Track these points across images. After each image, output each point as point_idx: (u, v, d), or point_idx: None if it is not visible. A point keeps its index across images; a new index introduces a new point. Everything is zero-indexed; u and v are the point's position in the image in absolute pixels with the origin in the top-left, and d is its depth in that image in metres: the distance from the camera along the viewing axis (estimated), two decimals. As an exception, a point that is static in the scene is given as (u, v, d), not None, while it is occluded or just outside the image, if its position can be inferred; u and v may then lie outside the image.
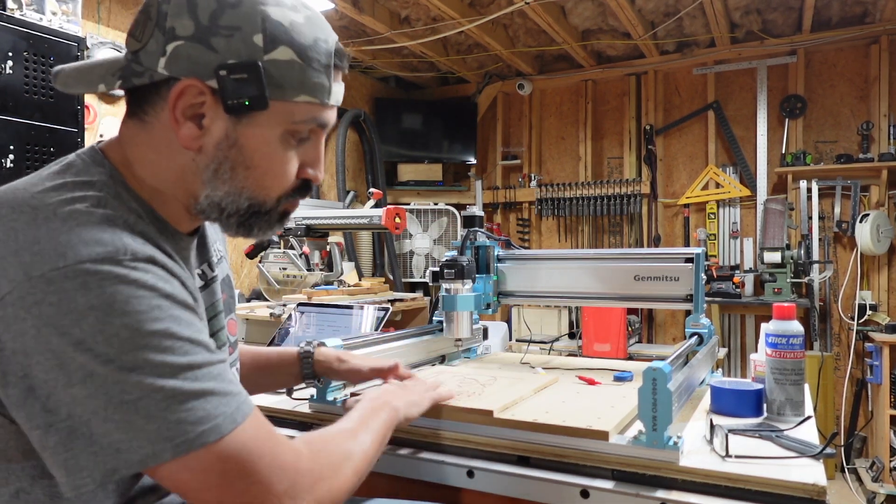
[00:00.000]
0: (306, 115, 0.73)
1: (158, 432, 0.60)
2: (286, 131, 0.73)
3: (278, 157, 0.74)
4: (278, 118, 0.72)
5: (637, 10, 3.67)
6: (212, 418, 0.62)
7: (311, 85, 0.72)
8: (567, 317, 3.90)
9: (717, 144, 4.23)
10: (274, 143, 0.73)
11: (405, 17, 3.78)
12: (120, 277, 0.61)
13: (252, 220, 0.77)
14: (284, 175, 0.75)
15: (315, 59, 0.72)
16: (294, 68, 0.71)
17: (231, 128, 0.71)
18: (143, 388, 0.60)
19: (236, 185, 0.73)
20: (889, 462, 3.27)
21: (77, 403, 0.59)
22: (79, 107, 2.27)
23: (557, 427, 0.96)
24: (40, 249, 0.60)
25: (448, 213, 4.67)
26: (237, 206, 0.75)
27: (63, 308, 0.59)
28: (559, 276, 1.56)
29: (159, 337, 0.61)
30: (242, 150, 0.72)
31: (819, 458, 0.90)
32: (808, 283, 3.76)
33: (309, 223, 2.38)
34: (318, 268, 2.60)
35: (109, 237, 0.63)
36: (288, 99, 0.71)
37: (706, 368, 1.34)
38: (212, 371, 0.65)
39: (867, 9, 3.66)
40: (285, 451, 0.68)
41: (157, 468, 0.61)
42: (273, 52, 0.69)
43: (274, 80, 0.70)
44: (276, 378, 1.14)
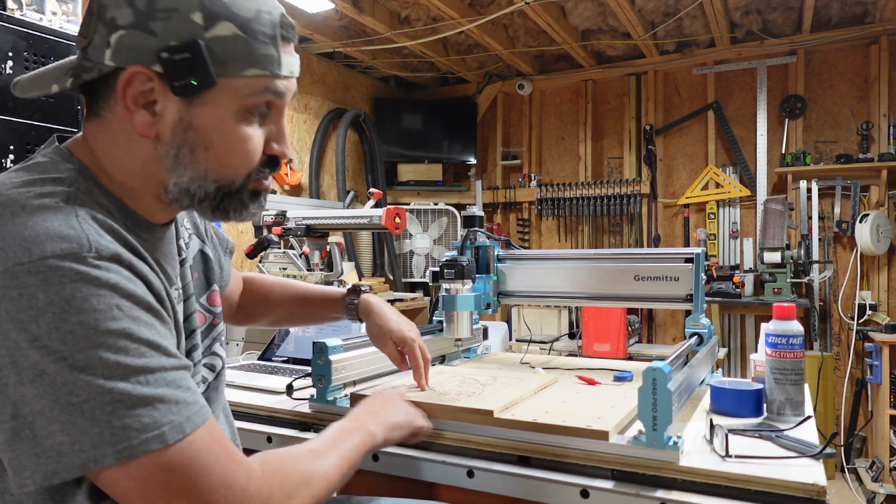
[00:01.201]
0: (258, 88, 0.72)
1: (101, 436, 0.58)
2: (241, 107, 0.72)
3: (237, 135, 0.72)
4: (230, 95, 0.71)
5: (637, 10, 3.67)
6: (158, 426, 0.60)
7: (259, 57, 0.71)
8: (567, 317, 3.90)
9: (717, 144, 4.23)
10: (229, 121, 0.72)
11: (405, 17, 3.78)
12: (81, 275, 0.60)
13: (225, 203, 0.75)
14: (247, 152, 0.74)
15: (259, 30, 0.70)
16: (238, 43, 0.69)
17: (184, 110, 0.70)
18: (91, 389, 0.58)
19: (199, 169, 0.72)
20: (889, 462, 3.28)
21: (25, 402, 0.59)
22: (79, 107, 2.27)
23: (557, 427, 0.96)
24: (5, 245, 0.60)
25: (448, 213, 4.67)
26: (205, 189, 0.73)
27: (23, 304, 0.58)
28: (559, 276, 1.56)
29: (115, 336, 0.60)
30: (198, 131, 0.71)
31: (819, 458, 0.90)
32: (808, 283, 3.76)
33: (309, 223, 2.38)
34: (318, 268, 2.60)
35: (76, 233, 0.62)
36: (236, 74, 0.70)
37: (706, 368, 1.34)
38: (166, 377, 0.63)
39: (867, 9, 3.66)
40: (236, 468, 0.66)
41: (98, 474, 0.60)
42: (214, 29, 0.68)
43: (218, 56, 0.69)
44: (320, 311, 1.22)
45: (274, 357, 1.71)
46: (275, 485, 0.68)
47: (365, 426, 0.90)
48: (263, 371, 1.57)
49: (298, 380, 1.31)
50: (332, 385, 1.16)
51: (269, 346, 1.75)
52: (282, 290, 1.24)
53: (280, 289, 1.24)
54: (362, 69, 4.77)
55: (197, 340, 0.87)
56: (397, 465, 1.04)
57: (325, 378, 1.16)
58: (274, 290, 1.23)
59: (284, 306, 1.23)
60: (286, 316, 1.25)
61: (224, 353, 0.96)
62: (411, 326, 1.17)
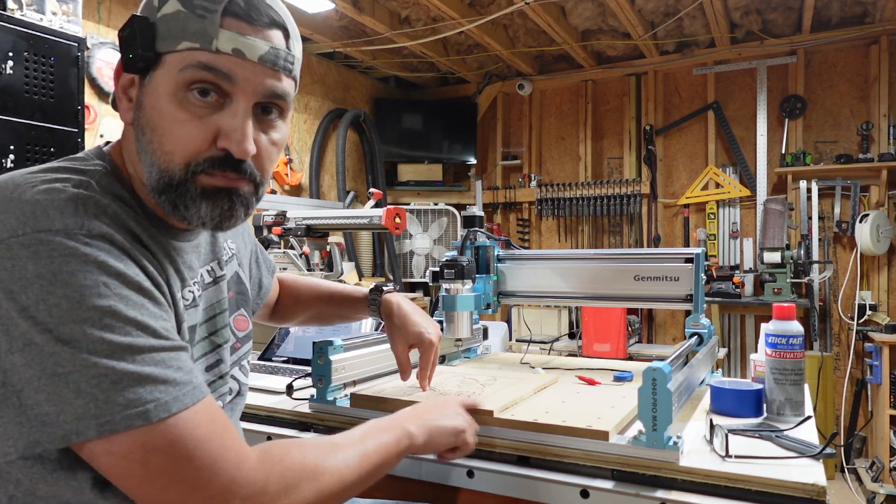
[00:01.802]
0: (189, 60, 0.69)
1: (85, 408, 0.58)
2: (176, 85, 0.69)
3: (171, 116, 0.70)
4: (168, 72, 0.70)
5: (637, 10, 3.67)
6: (142, 403, 0.60)
7: (193, 30, 0.69)
8: (567, 317, 3.90)
9: (716, 144, 4.23)
10: (166, 98, 0.70)
11: (405, 17, 3.78)
12: (70, 250, 0.61)
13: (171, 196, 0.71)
14: (182, 137, 0.70)
15: (200, 5, 0.69)
16: (179, 18, 0.69)
17: (140, 91, 0.72)
18: (75, 361, 0.59)
19: (149, 154, 0.71)
20: (889, 462, 3.28)
21: (14, 371, 0.59)
22: (79, 107, 2.27)
23: (557, 427, 0.96)
24: (6, 219, 0.62)
25: (448, 213, 4.67)
26: (153, 179, 0.71)
27: (15, 274, 0.60)
28: (559, 276, 1.56)
29: (100, 313, 0.60)
30: (144, 109, 0.71)
31: (819, 458, 0.90)
32: (807, 283, 3.76)
33: (309, 223, 2.38)
34: (319, 268, 2.60)
35: (71, 212, 0.63)
36: (171, 49, 0.69)
37: (706, 368, 1.34)
38: (154, 357, 0.62)
39: (867, 9, 3.66)
40: (227, 454, 0.63)
41: (82, 447, 0.60)
42: (163, 8, 0.70)
43: (162, 34, 0.70)
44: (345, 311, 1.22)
45: (274, 357, 1.71)
46: (272, 476, 0.65)
47: (402, 425, 0.84)
48: (263, 371, 1.57)
49: (298, 380, 1.31)
50: (332, 385, 1.16)
51: (269, 346, 1.75)
52: (309, 290, 1.25)
53: (307, 289, 1.25)
54: (362, 69, 4.77)
55: (223, 355, 0.88)
56: (397, 465, 1.04)
57: (325, 378, 1.16)
58: (302, 290, 1.25)
59: (312, 306, 1.24)
60: (314, 315, 1.26)
61: (245, 379, 0.95)
62: (433, 328, 1.13)
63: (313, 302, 1.24)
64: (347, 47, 4.10)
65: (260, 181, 0.76)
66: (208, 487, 0.61)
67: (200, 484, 0.61)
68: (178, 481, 0.60)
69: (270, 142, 0.76)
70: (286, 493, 0.65)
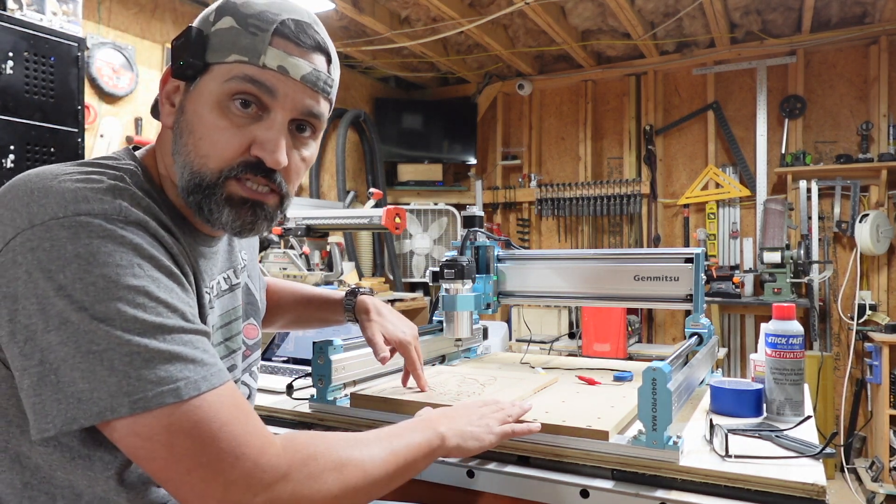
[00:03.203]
0: (236, 72, 0.72)
1: (119, 386, 0.60)
2: (220, 94, 0.73)
3: (212, 122, 0.73)
4: (214, 81, 0.73)
5: (637, 10, 3.67)
6: (174, 380, 0.61)
7: (243, 45, 0.73)
8: (567, 317, 3.90)
9: (716, 144, 4.24)
10: (207, 107, 0.73)
11: (405, 17, 3.78)
12: (108, 232, 0.63)
13: (198, 198, 0.74)
14: (219, 143, 0.73)
15: (252, 24, 0.73)
16: (231, 33, 0.74)
17: (184, 97, 0.76)
18: (110, 339, 0.60)
19: (183, 156, 0.75)
20: (888, 462, 3.28)
21: (51, 350, 0.61)
22: (79, 107, 2.27)
23: (557, 427, 0.96)
24: (47, 202, 0.64)
25: (448, 213, 4.67)
26: (185, 180, 0.75)
27: (53, 254, 0.61)
28: (559, 276, 1.56)
29: (134, 292, 0.62)
30: (186, 114, 0.75)
31: (819, 457, 0.90)
32: (807, 283, 3.76)
33: (309, 223, 2.38)
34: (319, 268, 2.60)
35: (110, 199, 0.66)
36: (220, 60, 0.74)
37: (706, 368, 1.34)
38: (183, 337, 0.64)
39: (866, 9, 3.66)
40: (252, 438, 0.63)
41: (112, 426, 0.60)
42: (218, 23, 0.75)
43: (213, 46, 0.74)
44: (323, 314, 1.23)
45: (274, 357, 1.72)
46: (295, 463, 0.65)
47: (433, 427, 0.83)
48: (263, 371, 1.57)
49: (298, 380, 1.31)
50: (332, 385, 1.16)
51: (269, 346, 1.75)
52: (288, 294, 1.25)
53: (286, 293, 1.26)
54: (362, 69, 4.77)
55: (236, 361, 0.91)
56: (397, 464, 1.04)
57: (325, 378, 1.16)
58: (281, 294, 1.25)
59: (291, 310, 1.25)
60: (294, 319, 1.27)
61: (255, 384, 0.98)
62: (409, 328, 1.15)
63: (292, 306, 1.25)
64: (347, 47, 4.10)
65: (286, 193, 0.79)
66: (231, 471, 0.61)
67: (223, 467, 0.61)
68: (203, 464, 0.61)
69: (301, 158, 0.79)
70: (309, 481, 0.65)
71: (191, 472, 0.60)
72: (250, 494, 0.61)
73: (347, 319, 1.19)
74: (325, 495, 0.66)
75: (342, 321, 1.21)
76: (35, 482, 0.68)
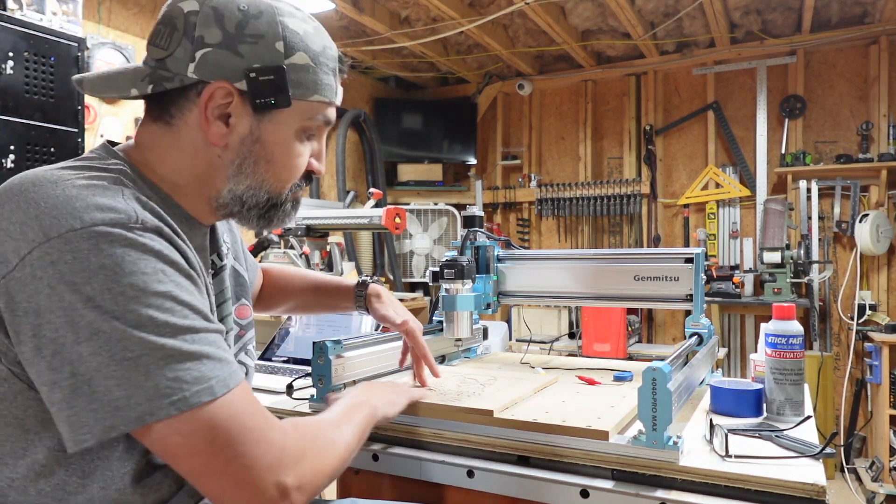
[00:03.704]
0: (318, 113, 0.82)
1: (156, 389, 0.62)
2: (301, 128, 0.82)
3: (294, 151, 0.82)
4: (295, 116, 0.80)
5: (637, 10, 3.67)
6: (207, 379, 0.65)
7: (323, 86, 0.82)
8: (567, 317, 3.90)
9: (716, 144, 4.24)
10: (291, 139, 0.81)
11: (405, 17, 3.78)
12: (129, 241, 0.65)
13: (271, 213, 0.84)
14: (298, 168, 0.84)
15: (325, 63, 0.82)
16: (309, 71, 0.80)
17: (255, 125, 0.79)
18: (143, 344, 0.62)
19: (257, 179, 0.81)
20: (888, 462, 3.28)
21: (82, 361, 0.62)
22: (79, 107, 2.27)
23: (557, 427, 0.96)
24: (58, 214, 0.64)
25: (448, 213, 4.67)
26: (257, 199, 0.82)
27: (77, 266, 0.62)
28: (559, 276, 1.56)
29: (162, 298, 0.65)
30: (265, 145, 0.80)
31: (819, 457, 0.90)
32: (807, 283, 3.76)
33: (309, 223, 2.38)
34: (319, 268, 2.60)
35: (122, 206, 0.67)
36: (305, 98, 0.80)
37: (706, 368, 1.34)
38: (208, 337, 0.68)
39: (866, 9, 3.66)
40: (273, 426, 0.69)
41: (150, 430, 0.63)
42: (292, 57, 0.78)
43: (293, 81, 0.78)
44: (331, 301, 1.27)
45: (274, 357, 1.71)
46: (307, 445, 0.72)
47: (368, 401, 0.93)
48: (263, 371, 1.57)
49: (298, 380, 1.31)
50: (332, 385, 1.16)
51: (269, 346, 1.75)
52: (297, 280, 1.30)
53: (295, 278, 1.30)
54: (362, 69, 4.77)
55: (229, 342, 0.93)
56: (397, 464, 1.04)
57: (325, 378, 1.16)
58: (290, 280, 1.30)
59: (299, 295, 1.29)
60: (300, 304, 1.31)
61: (251, 362, 1.02)
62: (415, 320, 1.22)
63: (300, 291, 1.29)
64: (347, 47, 4.10)
65: None
66: (265, 457, 0.66)
67: (259, 454, 0.66)
68: (241, 454, 0.65)
69: None
70: (320, 458, 0.73)
71: (230, 463, 0.65)
72: (283, 475, 0.67)
73: (357, 307, 1.24)
74: (330, 470, 0.75)
75: (350, 308, 1.26)
76: (49, 489, 0.69)
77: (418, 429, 1.06)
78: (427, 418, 1.05)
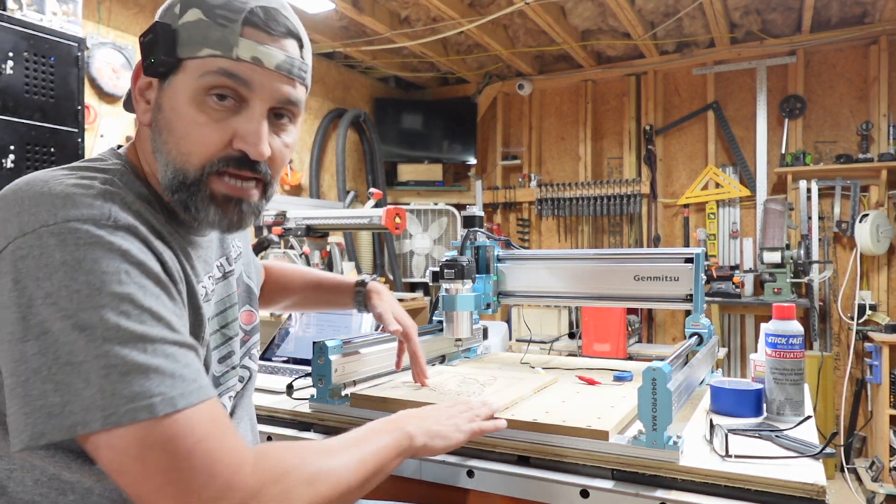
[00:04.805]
0: (210, 67, 0.72)
1: (93, 399, 0.58)
2: (196, 89, 0.72)
3: (190, 118, 0.73)
4: (187, 77, 0.73)
5: (637, 10, 3.67)
6: (148, 396, 0.59)
7: (214, 39, 0.72)
8: (567, 317, 3.90)
9: (716, 144, 4.24)
10: (185, 103, 0.73)
11: (405, 17, 3.78)
12: (95, 238, 0.63)
13: (184, 197, 0.74)
14: (199, 138, 0.73)
15: (221, 14, 0.72)
16: (200, 26, 0.72)
17: (158, 94, 0.75)
18: (89, 350, 0.59)
19: (166, 154, 0.74)
20: (888, 462, 3.28)
21: (23, 361, 0.59)
22: (79, 107, 2.27)
23: (557, 427, 0.96)
24: (37, 210, 0.64)
25: (448, 213, 4.67)
26: (168, 179, 0.74)
27: (42, 262, 0.61)
28: (559, 276, 1.56)
29: (118, 300, 0.61)
30: (164, 113, 0.74)
31: (819, 457, 0.90)
32: (807, 283, 3.76)
33: (309, 223, 2.38)
34: (319, 268, 2.60)
35: (100, 204, 0.65)
36: (192, 55, 0.72)
37: (706, 368, 1.34)
38: (165, 349, 0.62)
39: (866, 9, 3.67)
40: (225, 456, 0.62)
41: (86, 439, 0.59)
42: (184, 16, 0.73)
43: (183, 40, 0.72)
44: (331, 297, 1.27)
45: (274, 357, 1.71)
46: (267, 482, 0.63)
47: (401, 426, 0.82)
48: (263, 371, 1.57)
49: (298, 380, 1.31)
50: (332, 385, 1.16)
51: (269, 346, 1.75)
52: (297, 277, 1.30)
53: (295, 275, 1.30)
54: (362, 69, 4.77)
55: (234, 347, 0.91)
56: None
57: (325, 378, 1.16)
58: (290, 277, 1.29)
59: (299, 292, 1.29)
60: (299, 301, 1.30)
61: (254, 366, 1.00)
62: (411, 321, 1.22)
63: (300, 288, 1.28)
64: (347, 47, 4.10)
65: (270, 181, 0.80)
66: (203, 490, 0.60)
67: (195, 486, 0.59)
68: (174, 481, 0.59)
69: (283, 144, 0.79)
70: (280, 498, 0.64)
71: (161, 489, 0.59)
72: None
73: (356, 303, 1.24)
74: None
75: (349, 306, 1.26)
76: (45, 479, 0.68)
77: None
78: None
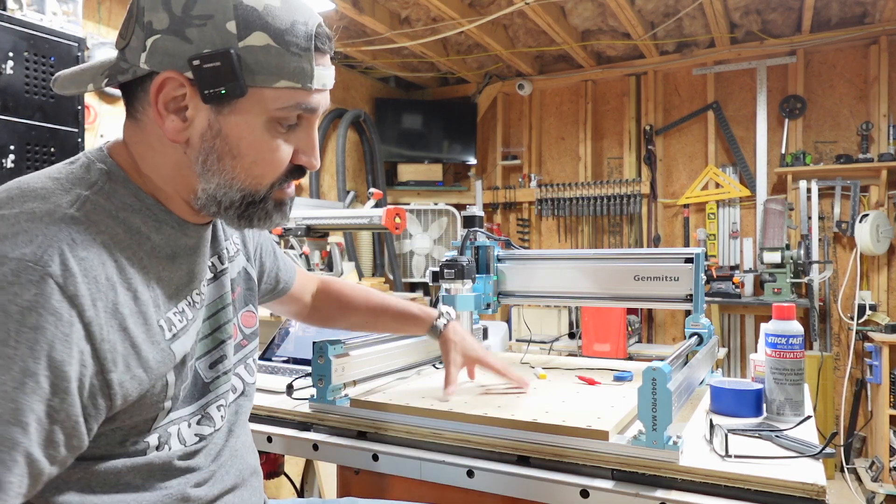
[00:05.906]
0: (289, 101, 0.71)
1: None
2: (270, 118, 0.72)
3: (265, 145, 0.73)
4: (260, 105, 0.71)
5: (637, 10, 3.67)
6: None
7: (291, 70, 0.70)
8: (567, 317, 3.90)
9: (716, 145, 4.24)
10: (259, 131, 0.72)
11: (405, 17, 3.78)
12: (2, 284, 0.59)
13: (249, 212, 0.76)
14: (274, 162, 0.74)
15: (293, 42, 0.70)
16: (270, 53, 0.69)
17: (213, 118, 0.71)
18: None
19: (226, 177, 0.73)
20: (888, 462, 3.28)
21: None
22: (79, 107, 2.27)
23: (557, 427, 0.96)
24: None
25: (448, 213, 4.67)
26: (230, 198, 0.74)
27: None
28: (559, 276, 1.56)
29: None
30: (227, 139, 0.71)
31: (818, 457, 0.90)
32: (807, 283, 3.76)
33: (309, 223, 2.38)
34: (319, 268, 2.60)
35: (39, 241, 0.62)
36: (267, 85, 0.70)
37: (706, 368, 1.34)
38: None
39: (866, 9, 3.66)
40: None
41: None
42: (247, 39, 0.68)
43: (250, 66, 0.69)
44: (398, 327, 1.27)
45: (274, 357, 1.71)
46: None
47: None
48: (263, 371, 1.57)
49: (298, 380, 1.31)
50: (332, 385, 1.16)
51: (269, 346, 1.75)
52: (360, 298, 1.26)
53: (358, 297, 1.26)
54: (362, 69, 4.77)
55: (226, 352, 0.87)
56: (397, 464, 1.04)
57: (325, 378, 1.16)
58: (352, 297, 1.26)
59: (360, 314, 1.26)
60: (360, 323, 1.27)
61: (251, 379, 0.94)
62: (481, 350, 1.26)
63: (362, 310, 1.25)
64: (347, 47, 4.10)
65: None
66: None
67: None
68: None
69: None
70: None
71: None
72: None
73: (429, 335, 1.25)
74: None
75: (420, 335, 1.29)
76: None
77: (419, 429, 1.06)
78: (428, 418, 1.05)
